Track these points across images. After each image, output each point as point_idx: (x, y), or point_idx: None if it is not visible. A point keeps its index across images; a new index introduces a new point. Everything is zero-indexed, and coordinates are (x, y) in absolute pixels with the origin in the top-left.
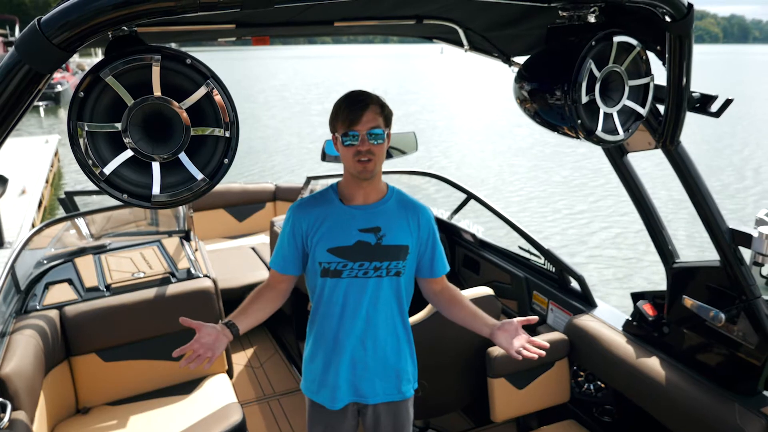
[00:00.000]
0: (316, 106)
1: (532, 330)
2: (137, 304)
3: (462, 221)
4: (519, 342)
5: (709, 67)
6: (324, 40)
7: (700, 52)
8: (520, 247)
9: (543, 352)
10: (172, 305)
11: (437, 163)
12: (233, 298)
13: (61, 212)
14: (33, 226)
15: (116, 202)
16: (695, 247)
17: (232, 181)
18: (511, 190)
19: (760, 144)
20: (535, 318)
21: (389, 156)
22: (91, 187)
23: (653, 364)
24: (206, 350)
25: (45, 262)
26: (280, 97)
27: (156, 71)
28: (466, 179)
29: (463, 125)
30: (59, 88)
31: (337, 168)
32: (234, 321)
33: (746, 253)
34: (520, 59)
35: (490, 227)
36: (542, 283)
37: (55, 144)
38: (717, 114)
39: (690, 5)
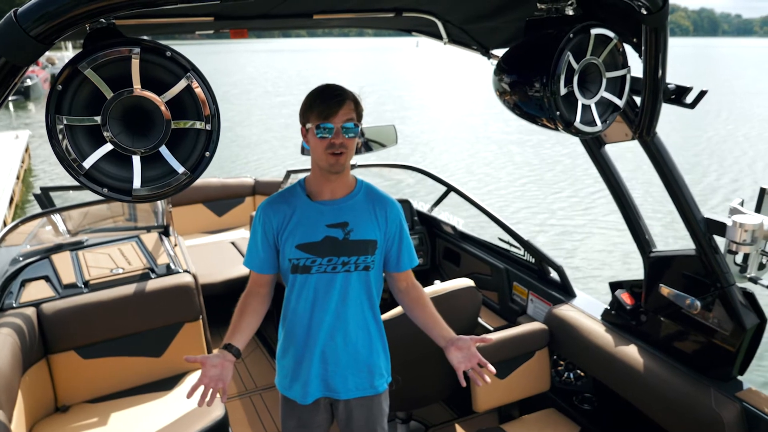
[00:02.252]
0: (288, 98)
1: (512, 321)
2: (116, 300)
3: (442, 213)
4: (470, 363)
5: (682, 60)
6: (299, 34)
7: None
8: (500, 239)
9: (488, 380)
10: (151, 301)
11: (414, 157)
12: (214, 293)
13: (33, 208)
14: (4, 222)
15: (94, 197)
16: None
17: (211, 176)
18: (485, 181)
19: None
20: (490, 339)
21: (369, 149)
22: (67, 182)
23: (631, 352)
24: (216, 382)
25: (20, 259)
26: (245, 90)
27: (135, 64)
28: (443, 172)
29: (438, 118)
30: (28, 82)
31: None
32: (231, 342)
33: (721, 242)
34: (499, 52)
35: (470, 219)
36: (522, 274)
37: (26, 139)
38: (692, 105)
39: None
